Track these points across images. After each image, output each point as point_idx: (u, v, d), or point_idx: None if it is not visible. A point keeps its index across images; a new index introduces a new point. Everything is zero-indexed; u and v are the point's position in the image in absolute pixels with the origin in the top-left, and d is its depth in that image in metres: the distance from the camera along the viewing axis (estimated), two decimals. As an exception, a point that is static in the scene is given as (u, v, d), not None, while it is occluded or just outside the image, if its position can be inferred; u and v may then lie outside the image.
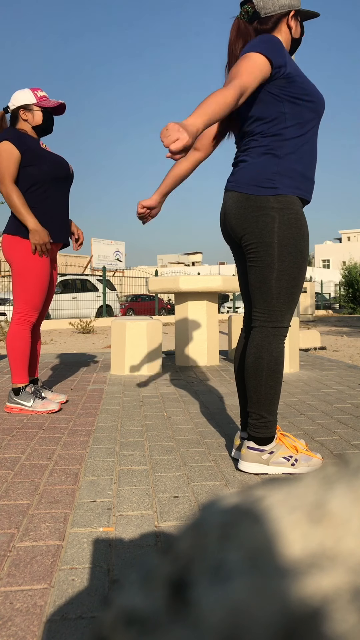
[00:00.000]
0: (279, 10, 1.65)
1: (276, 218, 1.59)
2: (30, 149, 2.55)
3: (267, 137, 1.61)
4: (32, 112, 2.65)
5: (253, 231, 1.62)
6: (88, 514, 1.39)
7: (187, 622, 0.24)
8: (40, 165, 2.57)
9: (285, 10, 1.66)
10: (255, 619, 0.23)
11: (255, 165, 1.62)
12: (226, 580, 0.25)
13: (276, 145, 1.61)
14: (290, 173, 1.61)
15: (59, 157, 2.67)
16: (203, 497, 1.51)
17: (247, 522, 0.27)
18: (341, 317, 18.70)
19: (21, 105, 2.64)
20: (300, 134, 1.62)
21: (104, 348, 7.49)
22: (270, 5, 1.64)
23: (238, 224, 1.66)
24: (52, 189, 2.63)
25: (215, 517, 0.29)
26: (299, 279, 1.66)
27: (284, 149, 1.60)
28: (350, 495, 0.27)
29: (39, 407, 2.61)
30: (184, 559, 0.27)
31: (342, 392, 3.21)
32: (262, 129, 1.62)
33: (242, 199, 1.63)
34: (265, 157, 1.61)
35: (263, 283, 1.64)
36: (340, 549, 0.24)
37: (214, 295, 4.41)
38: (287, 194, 1.60)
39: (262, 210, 1.60)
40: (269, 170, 1.60)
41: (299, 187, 1.63)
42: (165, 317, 15.71)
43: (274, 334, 1.67)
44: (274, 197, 1.59)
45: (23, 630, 0.90)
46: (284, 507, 0.27)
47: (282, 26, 1.68)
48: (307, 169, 1.64)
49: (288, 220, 1.60)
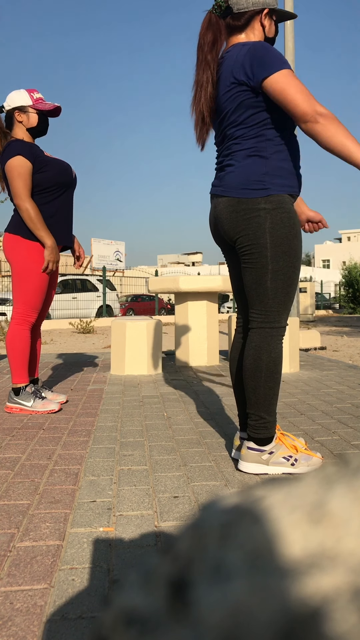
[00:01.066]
0: (252, 7, 1.62)
1: (268, 219, 1.59)
2: (38, 158, 2.58)
3: (250, 140, 1.60)
4: (28, 114, 2.65)
5: (247, 234, 1.62)
6: (88, 514, 1.39)
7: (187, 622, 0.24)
8: (46, 172, 2.60)
9: (259, 8, 1.63)
10: (255, 619, 0.23)
11: (243, 168, 1.61)
12: (226, 581, 0.25)
13: (260, 147, 1.60)
14: (279, 172, 1.61)
15: (63, 163, 2.70)
16: (203, 497, 1.51)
17: (247, 522, 0.27)
18: (341, 317, 18.70)
19: (16, 106, 2.64)
20: (282, 131, 1.61)
21: (104, 348, 7.49)
22: (243, 1, 1.62)
23: (231, 228, 1.66)
24: (56, 193, 2.66)
25: (215, 517, 0.29)
26: (294, 278, 1.66)
27: (269, 149, 1.60)
28: (350, 495, 0.27)
29: (39, 407, 2.62)
30: (184, 559, 0.27)
31: (342, 392, 3.22)
32: (243, 132, 1.61)
33: (233, 203, 1.63)
34: (252, 159, 1.61)
35: (258, 284, 1.64)
36: (340, 549, 0.24)
37: (214, 295, 4.42)
38: (278, 194, 1.60)
39: (254, 212, 1.60)
40: (257, 172, 1.60)
41: (288, 184, 1.63)
42: (165, 317, 15.71)
43: (272, 335, 1.67)
44: (265, 197, 1.59)
45: (23, 630, 0.90)
46: (284, 507, 0.27)
47: (255, 24, 1.65)
48: (293, 164, 1.64)
49: (280, 220, 1.60)
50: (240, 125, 1.61)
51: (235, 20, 1.64)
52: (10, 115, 2.66)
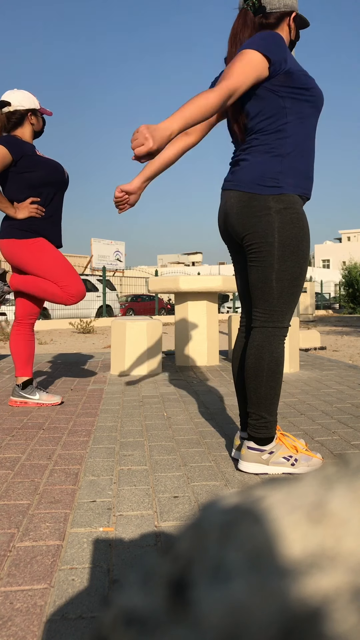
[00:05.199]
0: (283, 8, 1.66)
1: (278, 218, 1.59)
2: (27, 156, 2.59)
3: (269, 135, 1.61)
4: (38, 118, 2.73)
5: (256, 231, 1.62)
6: (88, 514, 1.39)
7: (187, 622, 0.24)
8: (36, 170, 2.60)
9: (289, 10, 1.67)
10: (255, 619, 0.23)
11: (258, 164, 1.62)
12: (226, 580, 0.25)
13: (278, 144, 1.60)
14: (293, 172, 1.61)
15: (54, 162, 2.71)
16: (203, 497, 1.51)
17: (247, 522, 0.27)
18: (341, 317, 18.70)
19: (30, 108, 2.68)
20: (301, 130, 1.62)
21: (104, 348, 7.48)
22: (276, 1, 1.66)
23: (240, 224, 1.65)
24: (47, 193, 2.67)
25: (215, 517, 0.29)
26: (300, 279, 1.66)
27: (286, 147, 1.60)
28: (350, 495, 0.27)
29: (44, 399, 2.78)
30: (184, 559, 0.27)
31: (342, 392, 3.21)
32: (262, 126, 1.61)
33: (245, 198, 1.63)
34: (268, 155, 1.61)
35: (264, 283, 1.64)
36: (340, 549, 0.24)
37: (214, 295, 4.41)
38: (290, 193, 1.60)
39: (265, 209, 1.60)
40: (272, 170, 1.60)
41: (301, 186, 1.63)
42: (165, 317, 15.70)
43: (274, 334, 1.66)
44: (277, 196, 1.59)
45: (23, 630, 0.90)
46: (284, 507, 0.27)
47: (284, 25, 1.69)
48: (307, 166, 1.65)
49: (290, 220, 1.60)
50: (258, 117, 1.62)
51: (267, 19, 1.68)
52: (23, 116, 2.68)
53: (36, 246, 2.62)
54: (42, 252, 2.62)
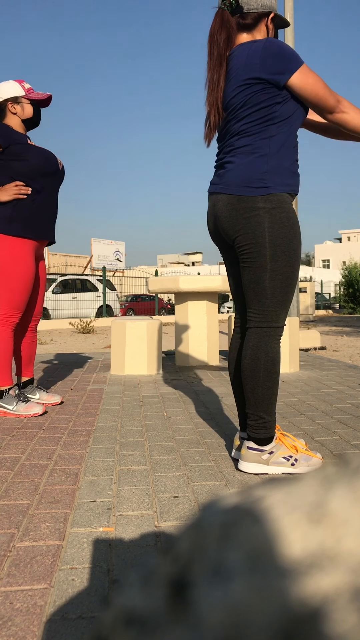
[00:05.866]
0: (260, 8, 1.65)
1: (268, 218, 1.59)
2: (17, 144, 2.48)
3: (252, 136, 1.61)
4: (22, 105, 2.58)
5: (246, 232, 1.62)
6: (88, 514, 1.39)
7: (187, 622, 0.24)
8: (27, 159, 2.49)
9: (267, 10, 1.66)
10: (255, 619, 0.23)
11: (243, 166, 1.62)
12: (226, 581, 0.25)
13: (263, 144, 1.60)
14: (279, 170, 1.61)
15: (46, 152, 2.59)
16: (203, 497, 1.51)
17: (247, 522, 0.27)
18: (341, 317, 18.70)
19: (9, 97, 2.55)
20: (286, 128, 1.62)
21: (104, 348, 7.49)
22: (253, 1, 1.64)
23: (231, 226, 1.65)
24: (39, 184, 2.55)
25: (215, 517, 0.29)
26: (293, 278, 1.66)
27: (271, 147, 1.60)
28: (350, 495, 0.27)
29: (22, 410, 2.53)
30: (184, 559, 0.27)
31: (342, 392, 3.22)
32: (246, 128, 1.61)
33: (233, 201, 1.63)
34: (253, 156, 1.61)
35: (257, 283, 1.64)
36: (340, 549, 0.24)
37: (214, 295, 4.42)
38: (278, 193, 1.60)
39: (253, 210, 1.60)
40: (259, 170, 1.60)
41: (288, 183, 1.63)
42: (165, 317, 15.71)
43: (269, 334, 1.66)
44: (265, 196, 1.59)
45: (23, 630, 0.90)
46: (284, 507, 0.27)
47: (262, 25, 1.68)
48: (293, 162, 1.64)
49: (280, 220, 1.60)
50: (243, 120, 1.61)
51: (245, 19, 1.67)
52: (3, 108, 2.57)
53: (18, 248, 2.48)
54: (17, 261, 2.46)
